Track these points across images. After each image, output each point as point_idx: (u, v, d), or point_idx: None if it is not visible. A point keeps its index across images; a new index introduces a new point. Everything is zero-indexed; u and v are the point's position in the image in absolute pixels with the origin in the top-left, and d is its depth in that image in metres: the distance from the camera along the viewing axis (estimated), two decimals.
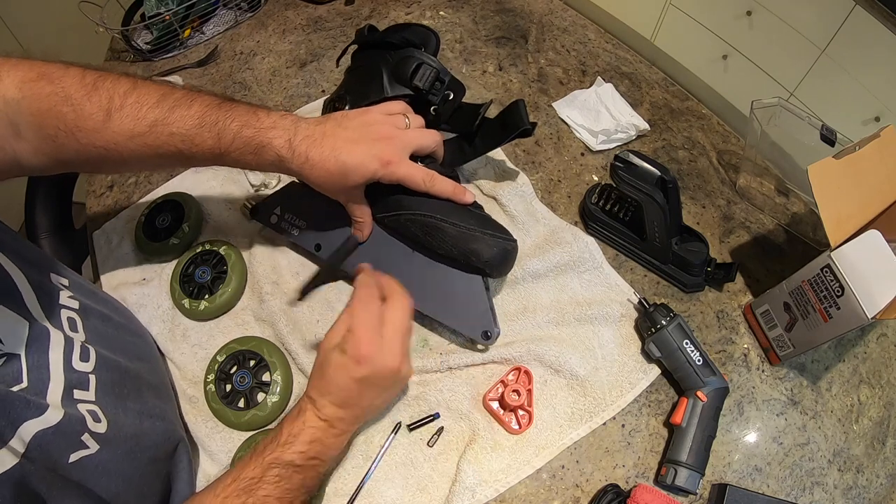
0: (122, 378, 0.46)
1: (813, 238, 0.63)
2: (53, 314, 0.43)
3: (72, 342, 0.42)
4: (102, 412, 0.41)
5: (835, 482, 0.51)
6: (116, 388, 0.44)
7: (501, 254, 0.52)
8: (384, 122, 0.51)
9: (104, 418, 0.41)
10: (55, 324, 0.42)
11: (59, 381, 0.39)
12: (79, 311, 0.46)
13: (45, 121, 0.43)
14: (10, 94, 0.42)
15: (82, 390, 0.41)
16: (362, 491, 0.49)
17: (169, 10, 0.82)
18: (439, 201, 0.53)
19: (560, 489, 0.50)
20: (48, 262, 0.47)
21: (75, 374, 0.41)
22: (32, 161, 0.45)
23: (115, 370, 0.45)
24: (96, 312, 0.48)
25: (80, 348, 0.42)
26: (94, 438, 0.39)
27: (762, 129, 0.59)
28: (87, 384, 0.41)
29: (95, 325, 0.47)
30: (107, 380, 0.43)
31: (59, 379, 0.39)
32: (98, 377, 0.43)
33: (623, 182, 0.54)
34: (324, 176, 0.48)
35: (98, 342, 0.45)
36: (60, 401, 0.38)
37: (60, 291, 0.45)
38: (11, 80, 0.42)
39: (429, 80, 0.56)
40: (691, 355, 0.51)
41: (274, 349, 0.56)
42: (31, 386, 0.37)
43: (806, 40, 1.40)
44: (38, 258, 0.46)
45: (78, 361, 0.42)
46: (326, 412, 0.44)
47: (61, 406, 0.38)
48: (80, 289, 0.49)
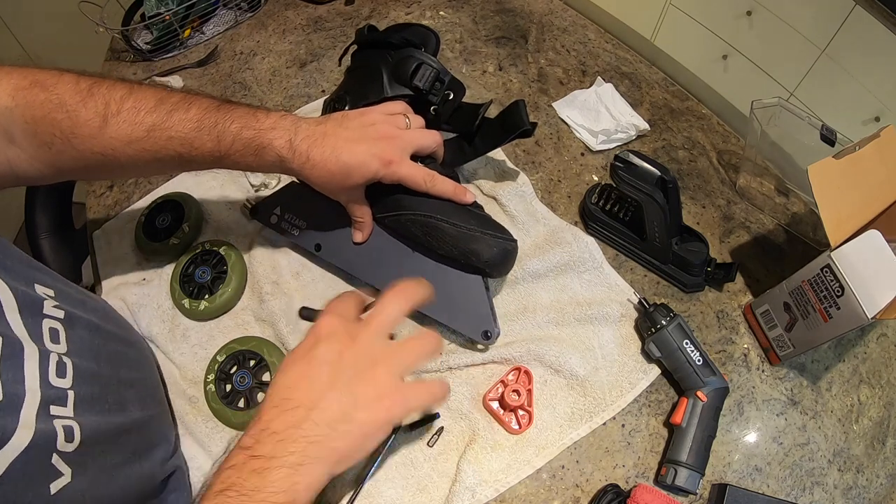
0: (104, 391, 0.43)
1: (813, 238, 0.63)
2: (34, 326, 0.40)
3: (48, 356, 0.39)
4: (80, 428, 0.38)
5: (835, 482, 0.51)
6: (97, 402, 0.42)
7: (501, 254, 0.52)
8: (385, 122, 0.51)
9: (78, 435, 0.38)
10: (34, 336, 0.39)
11: (35, 396, 0.36)
12: (63, 320, 0.43)
13: (39, 128, 0.42)
14: (3, 103, 0.41)
15: (60, 406, 0.38)
16: (362, 491, 0.49)
17: (169, 10, 0.82)
18: (439, 201, 0.53)
19: (560, 489, 0.50)
20: (33, 272, 0.44)
21: (52, 389, 0.38)
22: (28, 170, 0.44)
23: (95, 383, 0.42)
24: (83, 322, 0.46)
25: (56, 363, 0.40)
26: (63, 460, 0.36)
27: (762, 129, 0.59)
28: (65, 400, 0.39)
29: (80, 336, 0.44)
30: (85, 394, 0.41)
31: (35, 393, 0.36)
32: (76, 392, 0.40)
33: (623, 182, 0.54)
34: (325, 176, 0.48)
35: (80, 353, 0.43)
36: (35, 417, 0.35)
37: (45, 301, 0.42)
38: (4, 89, 0.41)
39: (429, 80, 0.56)
40: (691, 355, 0.51)
41: (274, 349, 0.56)
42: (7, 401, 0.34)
43: (806, 40, 1.40)
44: (21, 268, 0.43)
45: (54, 377, 0.39)
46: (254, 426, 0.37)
47: (34, 423, 0.35)
48: (67, 298, 0.46)
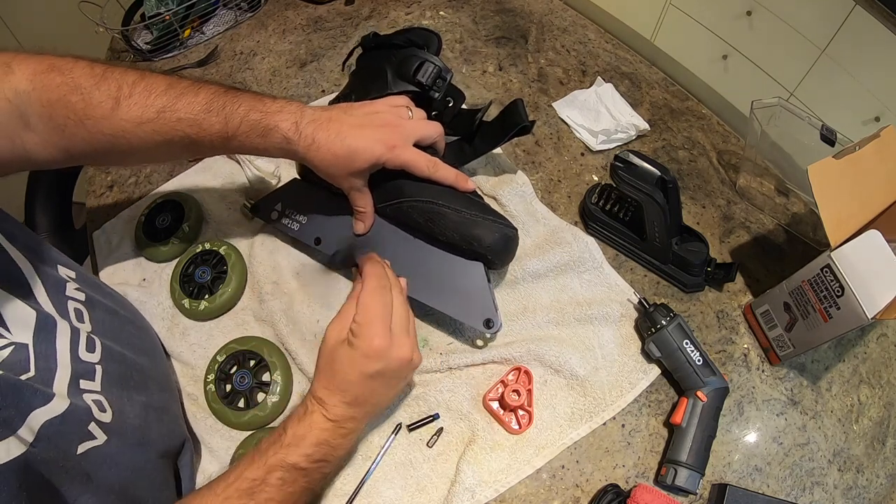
0: (128, 370, 0.46)
1: (813, 238, 0.63)
2: (60, 304, 0.43)
3: (78, 332, 0.42)
4: (108, 402, 0.41)
5: (835, 482, 0.51)
6: (122, 380, 0.45)
7: (503, 239, 0.52)
8: (388, 112, 0.52)
9: (109, 408, 0.41)
10: (62, 314, 0.42)
11: (66, 371, 0.39)
12: (85, 302, 0.46)
13: (54, 111, 0.43)
14: (22, 86, 0.42)
15: (88, 380, 0.41)
16: (361, 491, 0.49)
17: (169, 10, 0.82)
18: (441, 187, 0.53)
19: (560, 489, 0.50)
20: (56, 255, 0.48)
21: (82, 364, 0.41)
22: (41, 153, 0.45)
23: (120, 362, 0.46)
24: (102, 305, 0.49)
25: (86, 339, 0.43)
26: (101, 428, 0.39)
27: (762, 129, 0.59)
28: (94, 374, 0.42)
29: (101, 317, 0.47)
30: (113, 371, 0.44)
31: (66, 368, 0.39)
32: (104, 368, 0.43)
33: (623, 182, 0.54)
34: (329, 159, 0.49)
35: (104, 334, 0.46)
36: (67, 390, 0.38)
37: (67, 283, 0.46)
38: (23, 73, 0.42)
39: (431, 76, 0.57)
40: (691, 355, 0.51)
41: (274, 349, 0.56)
42: (39, 375, 0.37)
43: (806, 40, 1.40)
44: (46, 250, 0.46)
45: (84, 352, 0.42)
46: (336, 412, 0.43)
47: (67, 396, 0.38)
48: (87, 281, 0.49)
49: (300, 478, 0.42)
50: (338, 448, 0.44)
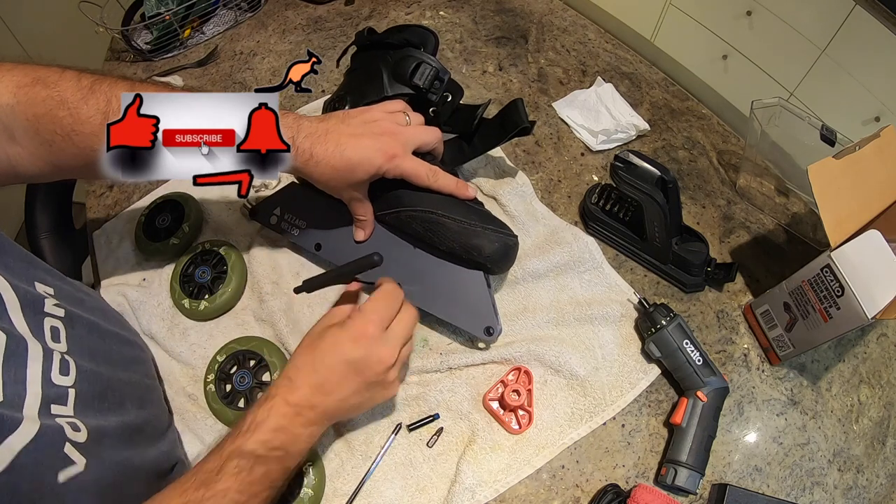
0: (104, 389, 0.44)
1: (813, 238, 0.63)
2: (36, 325, 0.40)
3: (51, 354, 0.40)
4: (82, 423, 0.39)
5: (835, 482, 0.51)
6: (97, 401, 0.42)
7: (503, 249, 0.52)
8: (386, 119, 0.52)
9: (84, 427, 0.39)
10: (37, 334, 0.40)
11: (37, 397, 0.37)
12: (63, 319, 0.44)
13: (41, 126, 0.42)
14: (5, 100, 0.41)
15: (60, 405, 0.38)
16: (361, 491, 0.49)
17: (169, 10, 0.82)
18: (441, 197, 0.53)
19: (560, 489, 0.50)
20: (33, 271, 0.45)
21: (54, 388, 0.38)
22: (29, 168, 0.44)
23: (96, 382, 0.43)
24: (83, 321, 0.46)
25: (59, 361, 0.40)
26: (78, 450, 0.37)
27: (762, 129, 0.59)
28: (66, 399, 0.39)
29: (80, 335, 0.45)
30: (86, 392, 0.41)
31: (37, 395, 0.37)
32: (77, 390, 0.40)
33: (623, 182, 0.54)
34: (328, 173, 0.48)
35: (80, 353, 0.43)
36: (37, 414, 0.36)
37: (45, 300, 0.43)
38: (6, 86, 0.41)
39: (428, 79, 0.57)
40: (691, 355, 0.51)
41: (274, 349, 0.56)
42: (7, 401, 0.34)
43: (806, 40, 1.40)
44: (23, 266, 0.44)
45: (57, 375, 0.39)
46: (297, 396, 0.42)
47: (37, 418, 0.36)
48: (68, 297, 0.47)
49: (257, 466, 0.39)
50: (297, 439, 0.42)
